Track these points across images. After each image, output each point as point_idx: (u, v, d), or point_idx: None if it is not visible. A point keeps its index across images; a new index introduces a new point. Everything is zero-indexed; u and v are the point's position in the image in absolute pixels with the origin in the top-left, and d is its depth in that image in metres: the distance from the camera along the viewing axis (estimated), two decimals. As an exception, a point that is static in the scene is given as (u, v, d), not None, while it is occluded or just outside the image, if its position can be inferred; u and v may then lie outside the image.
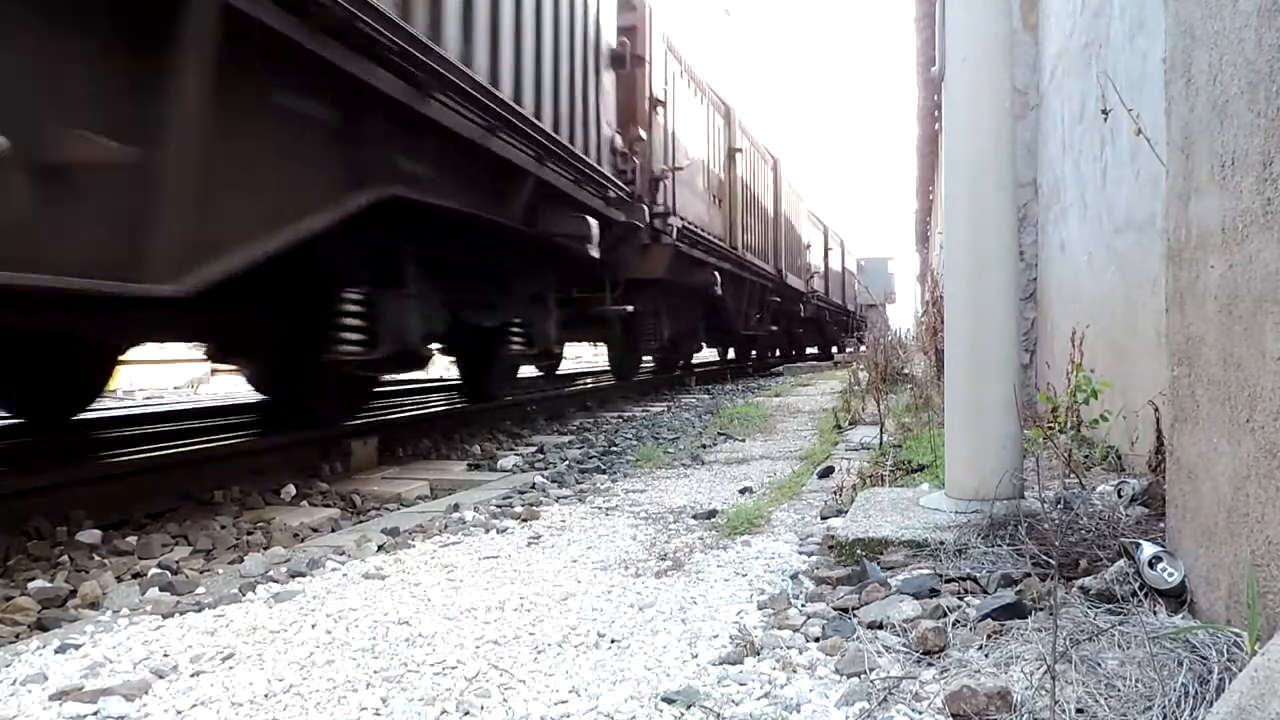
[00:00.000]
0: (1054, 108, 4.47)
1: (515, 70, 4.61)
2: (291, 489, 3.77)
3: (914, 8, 9.88)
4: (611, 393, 9.28)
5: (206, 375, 13.04)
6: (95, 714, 1.39)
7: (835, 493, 2.98)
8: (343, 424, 4.91)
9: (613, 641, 1.66)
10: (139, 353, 13.57)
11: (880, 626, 1.61)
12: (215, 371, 12.44)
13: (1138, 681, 1.22)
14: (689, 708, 1.33)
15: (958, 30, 2.29)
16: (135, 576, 2.55)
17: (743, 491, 3.30)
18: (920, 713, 1.27)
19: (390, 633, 1.74)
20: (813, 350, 23.12)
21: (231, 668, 1.58)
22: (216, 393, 11.17)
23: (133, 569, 2.62)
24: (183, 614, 1.92)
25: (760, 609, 1.81)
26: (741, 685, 1.41)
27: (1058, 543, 1.79)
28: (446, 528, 2.78)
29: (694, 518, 2.82)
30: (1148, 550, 1.56)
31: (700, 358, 15.20)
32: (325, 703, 1.41)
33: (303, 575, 2.24)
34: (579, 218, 5.35)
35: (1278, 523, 1.19)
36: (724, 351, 17.15)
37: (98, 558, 2.73)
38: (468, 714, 1.35)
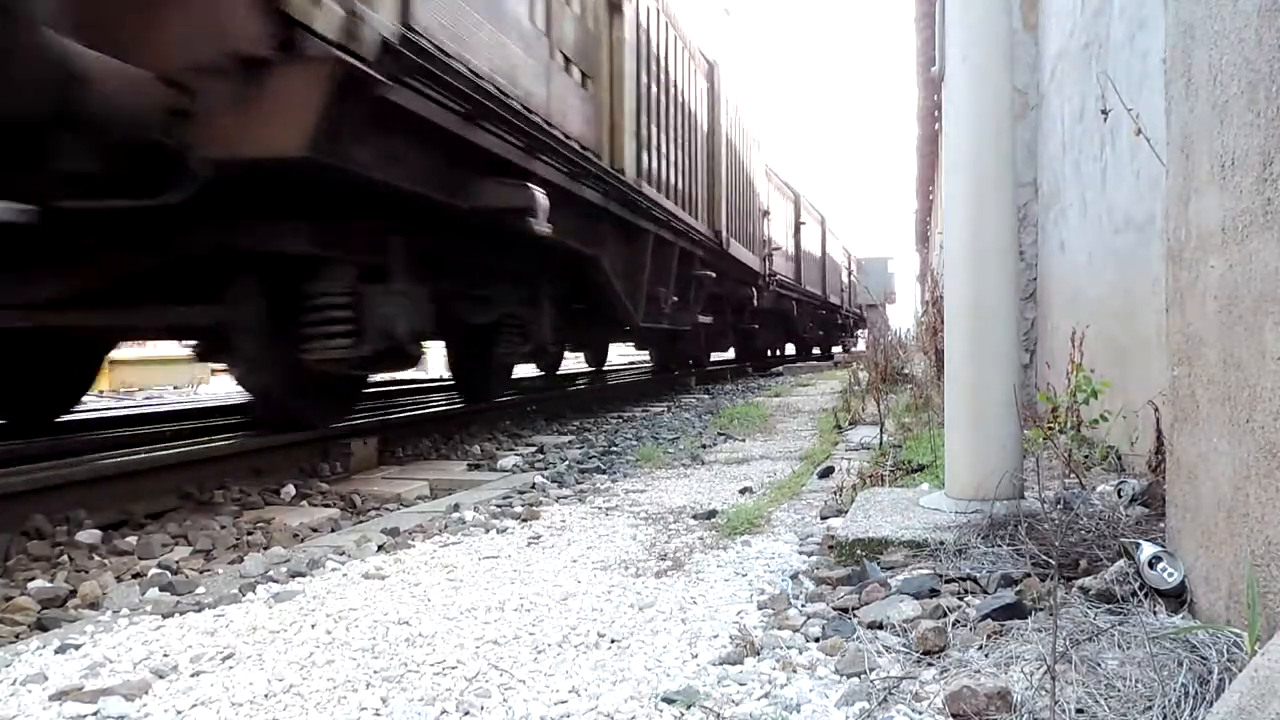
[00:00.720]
0: (1054, 108, 4.47)
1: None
2: (291, 489, 3.77)
3: (914, 8, 9.89)
4: (612, 393, 9.30)
5: (206, 375, 13.04)
6: (95, 714, 1.39)
7: (835, 493, 2.98)
8: (330, 426, 4.73)
9: (613, 641, 1.66)
10: (140, 352, 13.62)
11: (880, 626, 1.61)
12: (215, 372, 12.43)
13: (1138, 681, 1.22)
14: (689, 708, 1.33)
15: (958, 30, 2.29)
16: (135, 576, 2.55)
17: (743, 491, 3.30)
18: (920, 713, 1.27)
19: (390, 633, 1.74)
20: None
21: (231, 668, 1.58)
22: (216, 393, 11.16)
23: (133, 569, 2.62)
24: (183, 614, 1.92)
25: (760, 609, 1.81)
26: (741, 685, 1.41)
27: (1058, 543, 1.79)
28: (446, 528, 2.78)
29: (694, 518, 2.82)
30: (1148, 550, 1.56)
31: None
32: (325, 703, 1.41)
33: (303, 575, 2.24)
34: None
35: (1278, 523, 1.19)
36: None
37: (98, 558, 2.73)
38: (468, 714, 1.35)
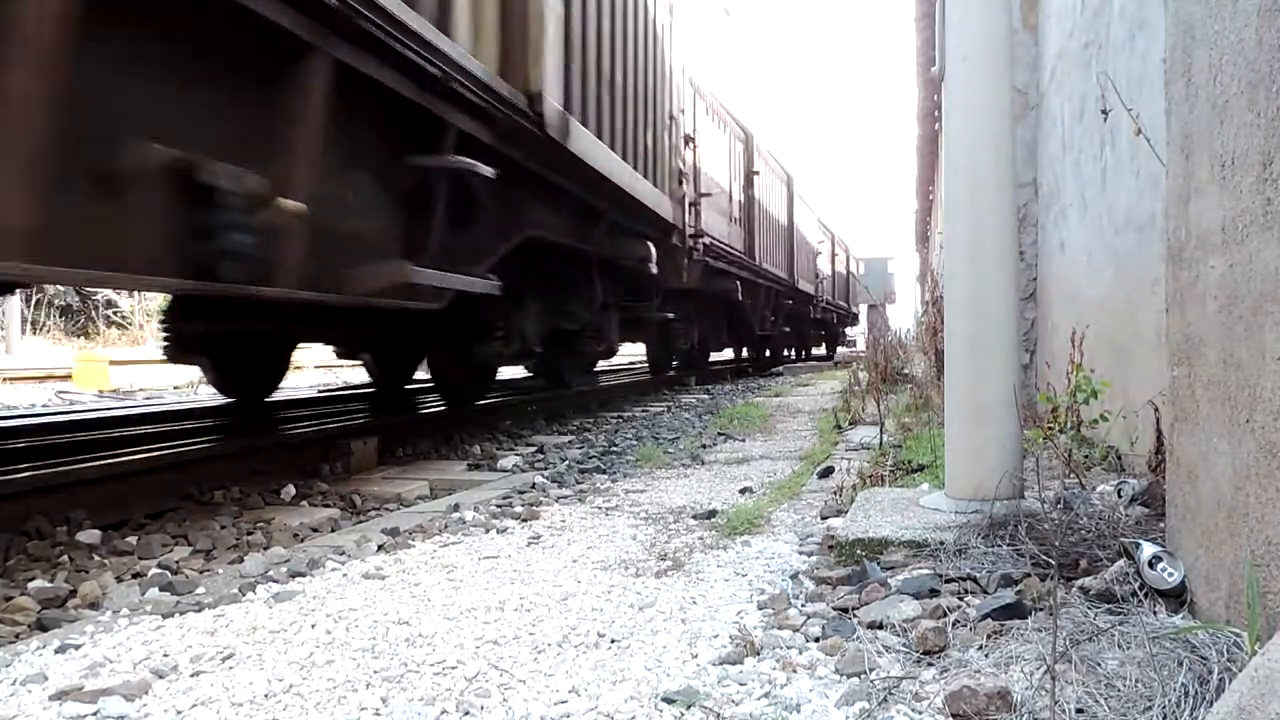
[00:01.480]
0: (1054, 108, 4.47)
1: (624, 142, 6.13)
2: (291, 489, 3.77)
3: (914, 8, 9.90)
4: (611, 392, 9.30)
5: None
6: (95, 714, 1.39)
7: (835, 493, 2.98)
8: (475, 402, 6.68)
9: (613, 641, 1.66)
10: (138, 353, 13.59)
11: (880, 626, 1.61)
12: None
13: (1138, 681, 1.22)
14: (689, 708, 1.33)
15: (958, 30, 2.29)
16: (135, 576, 2.54)
17: (743, 491, 3.30)
18: (920, 713, 1.27)
19: (390, 633, 1.74)
20: (819, 351, 24.38)
21: (231, 668, 1.58)
22: (216, 392, 11.12)
23: (133, 569, 2.62)
24: (183, 614, 1.92)
25: (760, 609, 1.81)
26: (741, 685, 1.41)
27: (1058, 543, 1.79)
28: (446, 528, 2.78)
29: (694, 518, 2.82)
30: (1148, 550, 1.56)
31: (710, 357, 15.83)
32: (325, 703, 1.41)
33: (303, 575, 2.24)
34: (643, 242, 6.85)
35: (1278, 523, 1.19)
36: (738, 350, 18.07)
37: (98, 558, 2.72)
38: (468, 714, 1.35)
